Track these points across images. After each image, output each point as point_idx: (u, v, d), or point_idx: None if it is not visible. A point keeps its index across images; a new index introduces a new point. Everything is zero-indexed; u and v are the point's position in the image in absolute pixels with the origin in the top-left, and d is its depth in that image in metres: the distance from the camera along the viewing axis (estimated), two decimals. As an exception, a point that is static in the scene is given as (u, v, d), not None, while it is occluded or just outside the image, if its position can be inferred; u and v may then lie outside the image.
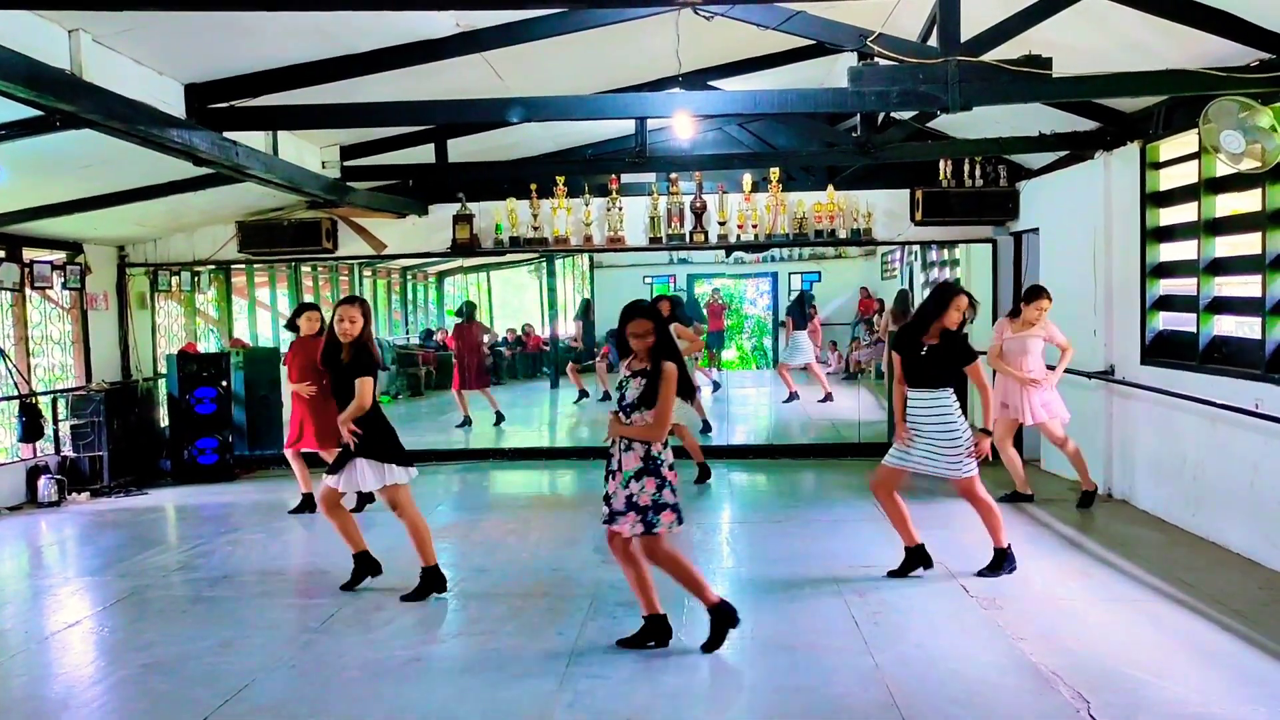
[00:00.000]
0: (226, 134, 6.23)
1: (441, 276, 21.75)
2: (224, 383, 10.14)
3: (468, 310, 13.88)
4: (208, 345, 12.24)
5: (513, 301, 22.28)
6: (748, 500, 8.83)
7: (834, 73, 8.94)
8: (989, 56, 5.33)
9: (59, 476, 9.14)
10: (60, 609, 6.04)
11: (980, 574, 6.06)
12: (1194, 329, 7.01)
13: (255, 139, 7.02)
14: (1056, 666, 4.60)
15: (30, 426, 8.84)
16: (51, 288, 9.57)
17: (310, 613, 5.72)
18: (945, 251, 13.66)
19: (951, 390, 6.02)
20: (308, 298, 15.57)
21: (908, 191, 10.14)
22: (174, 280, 11.16)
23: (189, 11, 4.60)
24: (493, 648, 5.07)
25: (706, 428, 11.63)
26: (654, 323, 4.76)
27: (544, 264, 19.20)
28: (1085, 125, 8.08)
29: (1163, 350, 7.50)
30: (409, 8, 5.07)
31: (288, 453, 8.35)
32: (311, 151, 8.39)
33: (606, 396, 14.77)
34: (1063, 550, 6.69)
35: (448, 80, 7.05)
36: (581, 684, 4.56)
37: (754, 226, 10.23)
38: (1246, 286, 6.76)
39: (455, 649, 5.13)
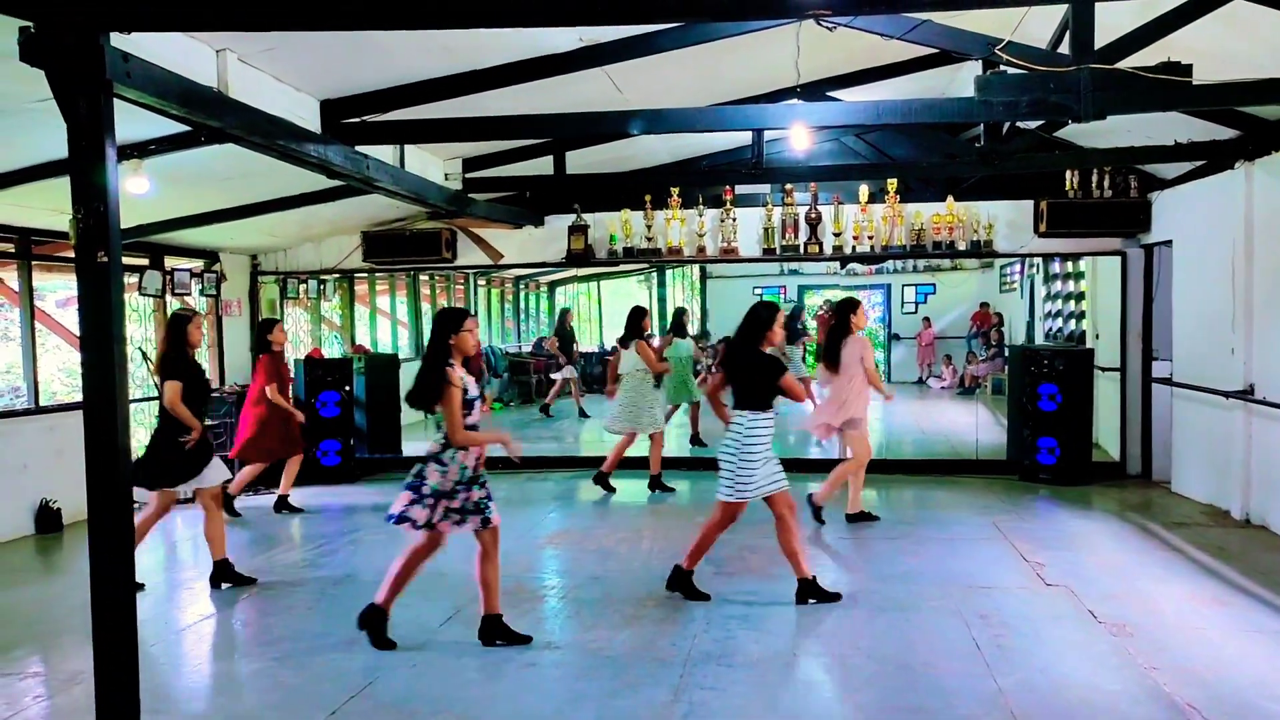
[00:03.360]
0: (358, 148, 6.45)
1: (553, 286, 22.08)
2: (347, 387, 10.46)
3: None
4: (332, 351, 12.67)
5: (623, 311, 22.45)
6: (861, 515, 8.69)
7: (956, 81, 8.77)
8: (1124, 64, 5.14)
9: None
10: (195, 602, 6.34)
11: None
12: (1344, 348, 6.65)
13: (383, 152, 7.26)
14: (1192, 698, 4.39)
15: (169, 426, 9.27)
16: (190, 294, 10.05)
17: (429, 614, 5.85)
18: (1069, 264, 13.24)
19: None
20: (424, 306, 16.00)
21: (1031, 202, 9.86)
22: (302, 288, 11.59)
23: (327, 31, 4.78)
24: (607, 655, 5.10)
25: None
26: None
27: (654, 274, 19.31)
28: (1225, 133, 7.73)
29: (1308, 370, 7.12)
30: (534, 24, 5.16)
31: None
32: (435, 164, 8.62)
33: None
34: (1197, 576, 6.40)
35: (568, 93, 7.16)
36: (696, 695, 4.56)
37: (870, 238, 10.08)
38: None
39: (570, 655, 5.18)
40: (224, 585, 6.50)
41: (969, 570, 6.56)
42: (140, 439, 9.96)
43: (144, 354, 9.40)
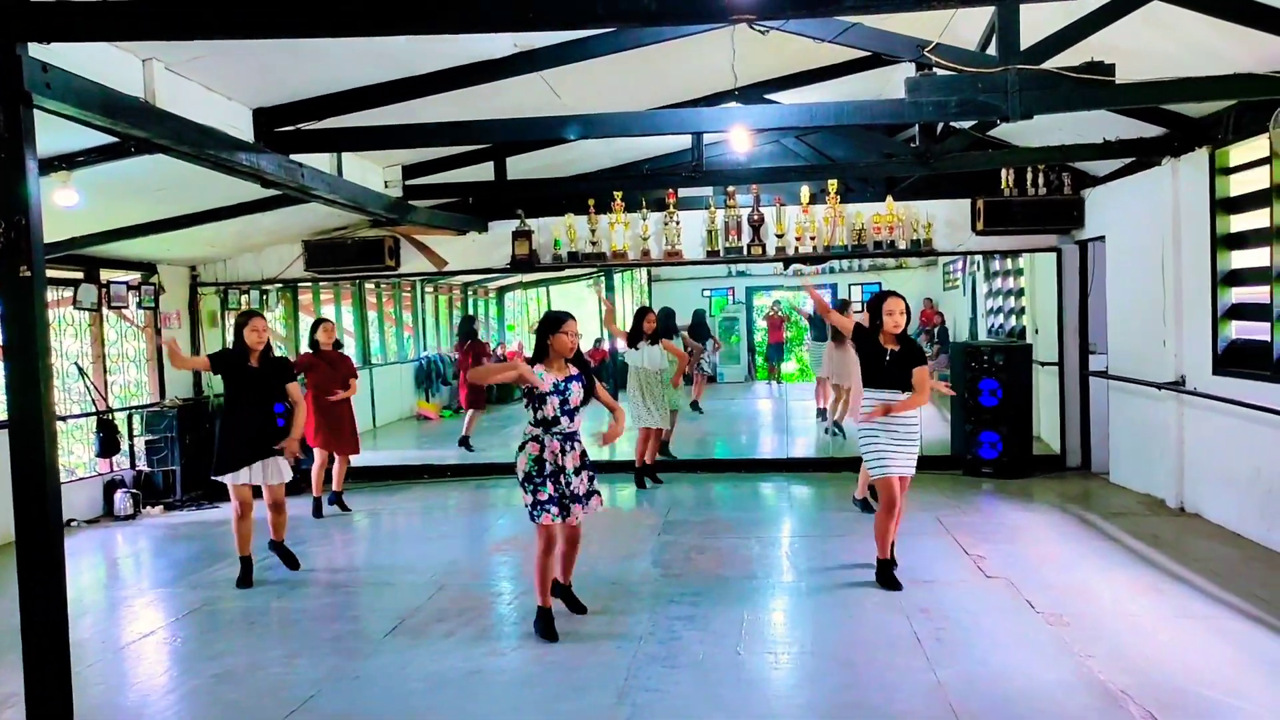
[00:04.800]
0: (292, 156, 6.38)
1: (502, 292, 22.00)
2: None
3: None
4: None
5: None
6: (808, 513, 8.77)
7: (893, 83, 8.88)
8: (1050, 64, 5.25)
9: (134, 490, 9.40)
10: (135, 619, 6.23)
11: None
12: (1268, 338, 6.83)
13: (320, 160, 7.19)
14: (1126, 685, 4.49)
15: (107, 442, 9.12)
16: (127, 307, 9.87)
17: (375, 624, 5.82)
18: (1009, 261, 13.46)
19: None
20: (371, 314, 15.88)
21: (968, 201, 10.00)
22: (243, 298, 11.42)
23: (256, 38, 4.72)
24: (551, 660, 5.09)
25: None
26: None
27: (602, 278, 19.30)
28: (1152, 131, 7.92)
29: (1235, 360, 7.30)
30: (468, 31, 5.15)
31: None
32: (374, 171, 8.56)
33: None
34: (1133, 565, 6.54)
35: (507, 99, 7.15)
36: (640, 697, 4.57)
37: (812, 239, 10.18)
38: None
39: (515, 661, 5.16)
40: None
41: (912, 565, 6.62)
42: (78, 455, 9.79)
43: (80, 369, 9.22)
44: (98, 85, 4.31)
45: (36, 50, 3.95)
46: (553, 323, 5.38)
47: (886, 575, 6.22)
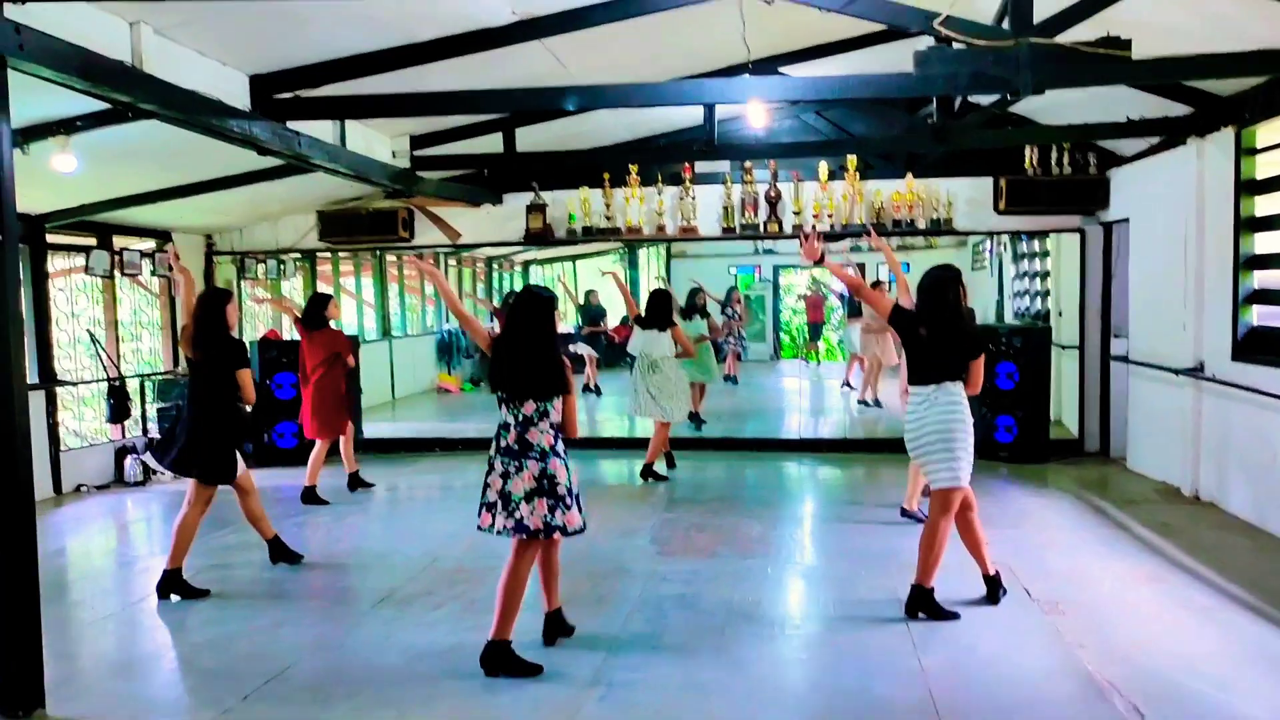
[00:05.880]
0: (291, 124, 6.33)
1: (527, 265, 21.93)
2: (304, 368, 10.32)
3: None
4: (291, 332, 12.51)
5: (598, 291, 22.36)
6: (821, 494, 8.69)
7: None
8: (1065, 38, 5.07)
9: (144, 457, 9.46)
10: (136, 585, 6.26)
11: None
12: (1289, 324, 6.63)
13: (323, 129, 7.14)
14: (1114, 675, 4.37)
15: (117, 408, 9.17)
16: (141, 275, 9.91)
17: (364, 596, 5.82)
18: (1036, 242, 13.18)
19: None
20: (392, 286, 15.89)
21: (990, 180, 9.78)
22: (260, 268, 11.45)
23: (241, 1, 4.67)
24: (535, 637, 5.02)
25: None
26: None
27: (627, 254, 19.21)
28: (1178, 109, 7.68)
29: (1256, 346, 7.08)
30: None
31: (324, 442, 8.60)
32: (381, 141, 8.50)
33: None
34: (1139, 553, 6.38)
35: (513, 69, 7.06)
36: (617, 675, 4.52)
37: (830, 216, 10.01)
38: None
39: (499, 636, 5.11)
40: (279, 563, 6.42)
41: (913, 549, 6.46)
42: (92, 422, 9.87)
43: (92, 336, 9.28)
44: (76, 47, 4.26)
45: (12, 11, 3.92)
46: (553, 304, 4.68)
47: (929, 604, 5.23)
